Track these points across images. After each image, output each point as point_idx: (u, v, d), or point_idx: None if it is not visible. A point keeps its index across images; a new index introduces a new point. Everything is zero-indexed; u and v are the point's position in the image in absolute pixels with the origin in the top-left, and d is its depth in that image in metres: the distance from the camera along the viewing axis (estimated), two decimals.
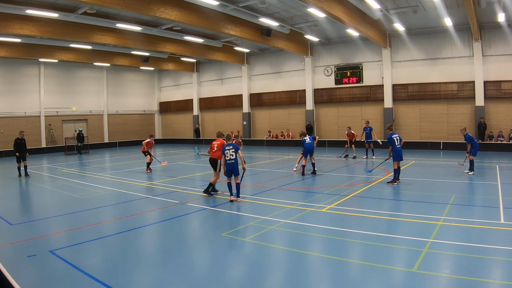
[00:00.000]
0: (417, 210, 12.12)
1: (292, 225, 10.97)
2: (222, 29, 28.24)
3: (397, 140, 16.96)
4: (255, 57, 44.13)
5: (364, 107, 36.44)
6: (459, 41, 31.15)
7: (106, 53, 40.48)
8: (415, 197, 14.36)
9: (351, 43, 36.15)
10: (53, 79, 44.01)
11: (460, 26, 29.83)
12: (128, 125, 51.13)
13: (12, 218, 12.85)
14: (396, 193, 15.20)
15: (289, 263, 8.42)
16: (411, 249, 8.74)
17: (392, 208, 12.99)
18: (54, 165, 29.74)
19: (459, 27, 29.98)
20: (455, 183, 17.50)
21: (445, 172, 20.24)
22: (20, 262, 8.77)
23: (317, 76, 39.14)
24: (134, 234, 10.77)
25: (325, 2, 22.74)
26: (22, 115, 41.21)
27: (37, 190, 19.35)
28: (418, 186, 16.55)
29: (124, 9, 22.83)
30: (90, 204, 15.03)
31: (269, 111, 43.51)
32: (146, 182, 19.50)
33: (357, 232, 10.12)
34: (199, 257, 9.04)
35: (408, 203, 13.44)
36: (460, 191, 16.00)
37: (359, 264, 8.15)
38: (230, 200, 14.50)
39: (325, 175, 20.18)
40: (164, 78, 55.96)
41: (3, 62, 39.47)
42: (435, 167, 22.37)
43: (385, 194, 15.11)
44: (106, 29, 30.49)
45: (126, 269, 8.17)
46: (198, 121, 50.67)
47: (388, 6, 26.78)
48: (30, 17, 26.24)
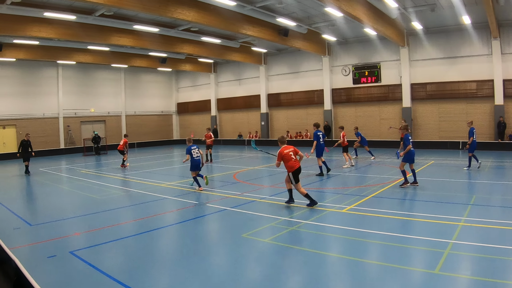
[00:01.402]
0: (437, 211, 11.95)
1: (312, 226, 10.90)
2: (240, 29, 28.23)
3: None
4: (273, 57, 44.07)
5: (382, 107, 36.21)
6: (477, 39, 30.75)
7: (124, 54, 40.69)
8: (435, 197, 14.16)
9: (369, 42, 35.89)
10: (71, 81, 44.33)
11: (478, 24, 29.45)
12: (146, 126, 51.32)
13: (32, 219, 12.94)
14: (416, 194, 15.02)
15: (309, 264, 8.33)
16: (432, 250, 8.61)
17: (412, 209, 12.84)
18: (73, 166, 29.90)
19: (477, 25, 29.60)
20: (475, 183, 17.33)
21: (465, 172, 19.99)
22: (40, 263, 8.80)
23: (335, 76, 38.97)
24: (153, 235, 10.77)
25: (343, 1, 22.63)
26: (41, 117, 41.55)
27: (56, 191, 19.44)
28: (438, 186, 16.37)
29: (141, 10, 22.95)
30: (109, 205, 15.09)
31: (287, 111, 43.43)
32: (164, 182, 19.49)
33: (377, 233, 10.02)
34: (219, 258, 9.00)
35: (428, 204, 13.24)
36: (481, 191, 15.80)
37: (379, 265, 8.06)
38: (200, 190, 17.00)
39: (345, 176, 20.08)
40: (181, 79, 56.12)
41: (22, 65, 39.82)
42: (455, 167, 22.10)
43: (405, 194, 14.96)
44: (124, 31, 30.64)
45: (145, 270, 8.15)
46: (216, 121, 50.70)
47: (406, 5, 26.54)
48: (48, 20, 26.41)
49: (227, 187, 17.56)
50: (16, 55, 34.48)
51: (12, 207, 15.36)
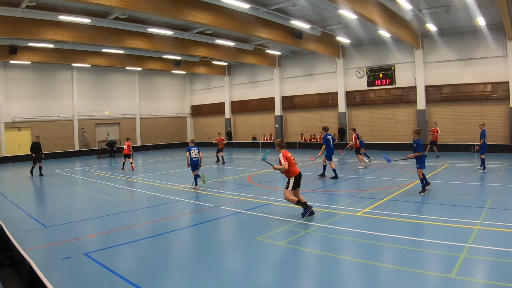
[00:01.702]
0: (453, 214, 11.89)
1: (327, 229, 10.85)
2: (254, 32, 28.22)
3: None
4: (287, 59, 44.01)
5: (397, 109, 36.03)
6: (492, 41, 30.44)
7: (138, 57, 40.88)
8: (451, 200, 14.06)
9: (383, 45, 35.74)
10: (85, 84, 44.68)
11: (493, 25, 29.16)
12: (160, 129, 51.48)
13: (47, 221, 12.99)
14: (431, 197, 14.89)
15: (323, 267, 8.29)
16: (448, 254, 8.53)
17: (427, 212, 12.68)
18: (87, 168, 30.03)
19: (492, 26, 29.29)
20: (491, 186, 17.19)
21: (481, 175, 19.84)
22: (55, 264, 8.85)
23: (349, 78, 38.86)
24: (167, 238, 10.77)
25: (357, 3, 22.55)
26: (56, 119, 41.87)
27: (70, 192, 19.53)
28: (453, 190, 16.24)
29: (155, 13, 22.99)
30: (123, 207, 15.15)
31: (301, 114, 43.38)
32: (179, 185, 19.50)
33: (392, 236, 9.92)
34: (233, 261, 9.00)
35: (443, 207, 13.11)
36: (497, 194, 15.60)
37: (394, 269, 8.01)
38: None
39: (360, 178, 20.01)
40: (195, 82, 56.26)
41: (37, 67, 40.18)
42: (470, 170, 21.93)
43: (420, 197, 14.83)
44: (138, 34, 30.75)
45: (159, 273, 8.15)
46: (230, 124, 50.75)
47: (420, 6, 26.40)
48: (62, 23, 26.63)
49: (242, 190, 17.54)
50: (31, 58, 34.78)
51: (27, 209, 15.46)
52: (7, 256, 9.12)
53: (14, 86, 39.18)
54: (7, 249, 9.29)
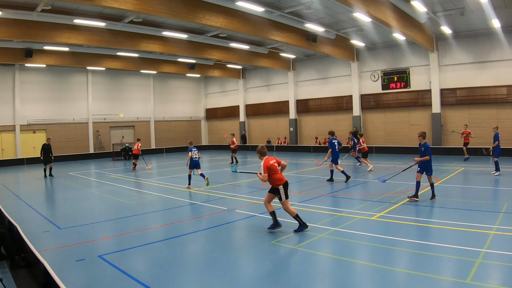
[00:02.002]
0: (468, 219, 11.77)
1: (341, 233, 10.78)
2: (268, 35, 28.20)
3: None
4: (301, 63, 43.97)
5: (412, 113, 35.84)
6: (507, 43, 30.19)
7: (153, 60, 41.01)
8: (466, 205, 13.94)
9: (398, 48, 35.57)
10: (100, 87, 45.00)
11: (508, 28, 28.97)
12: (175, 132, 51.58)
13: (61, 223, 13.02)
14: (446, 201, 14.77)
15: (337, 271, 8.26)
16: (463, 259, 8.44)
17: (443, 217, 12.51)
18: (102, 170, 30.13)
19: (507, 29, 29.09)
20: (506, 190, 16.94)
21: (496, 179, 19.67)
22: (69, 266, 8.87)
23: (363, 81, 38.72)
24: (181, 241, 10.76)
25: (371, 6, 22.50)
26: (71, 122, 42.18)
27: (85, 195, 19.61)
28: (468, 194, 16.13)
29: (170, 17, 23.05)
30: (137, 210, 15.18)
31: (316, 117, 43.26)
32: (193, 188, 19.51)
33: (406, 241, 9.88)
34: (248, 265, 8.98)
35: (458, 211, 12.97)
36: None
37: (409, 274, 7.93)
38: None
39: (374, 182, 19.90)
40: (210, 85, 56.39)
41: (52, 70, 40.51)
42: (485, 174, 21.74)
43: (435, 202, 14.70)
44: (153, 37, 30.85)
45: (173, 275, 8.16)
46: (245, 127, 50.79)
47: (435, 9, 26.24)
48: (77, 27, 26.79)
49: (256, 193, 17.48)
50: (47, 61, 35.01)
51: (41, 210, 15.56)
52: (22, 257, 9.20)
53: (30, 89, 39.54)
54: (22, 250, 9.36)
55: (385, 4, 23.85)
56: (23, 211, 15.62)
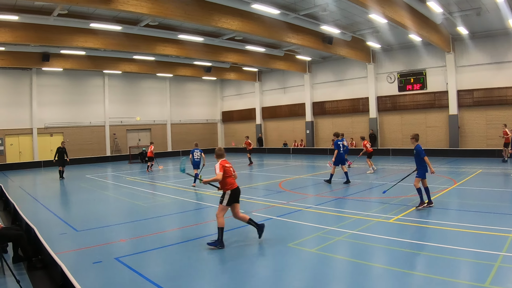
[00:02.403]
0: (486, 222, 11.63)
1: (359, 236, 10.70)
2: (284, 37, 28.19)
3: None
4: (317, 65, 43.90)
5: (428, 114, 35.56)
6: None
7: (169, 64, 41.20)
8: (483, 207, 13.74)
9: (414, 49, 35.34)
10: (117, 90, 45.28)
11: None
12: (191, 134, 51.55)
13: (78, 225, 13.08)
14: (463, 204, 14.68)
15: (355, 275, 8.18)
16: (481, 263, 8.31)
17: (460, 219, 12.34)
18: (119, 173, 30.27)
19: None
20: None
21: None
22: (86, 268, 8.92)
23: (380, 83, 38.54)
24: (198, 243, 10.74)
25: (387, 8, 22.39)
26: (88, 125, 42.45)
27: (102, 197, 19.71)
28: (486, 196, 15.90)
29: (186, 20, 23.13)
30: (154, 212, 15.24)
31: (332, 120, 43.10)
32: (209, 191, 19.47)
33: (424, 244, 9.79)
34: (265, 268, 8.94)
35: (477, 214, 12.82)
36: None
37: (426, 277, 7.79)
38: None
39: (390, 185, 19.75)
40: (226, 88, 56.48)
41: (69, 74, 40.85)
42: (503, 176, 21.57)
43: (452, 204, 14.63)
44: (169, 41, 30.97)
45: (190, 278, 8.14)
46: (261, 130, 50.78)
47: (451, 9, 26.03)
48: (94, 31, 27.04)
49: (273, 196, 17.46)
50: (63, 65, 35.31)
51: (58, 213, 15.70)
52: (39, 259, 9.25)
53: (47, 92, 39.88)
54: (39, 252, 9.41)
55: (400, 5, 23.72)
56: (40, 213, 15.74)
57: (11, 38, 24.99)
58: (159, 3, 21.28)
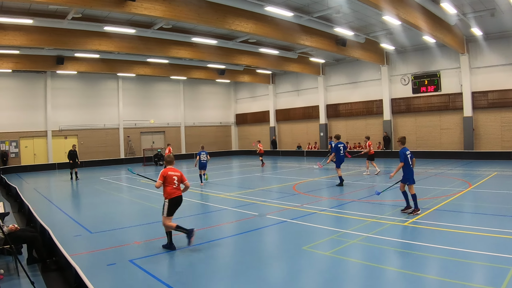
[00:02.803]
0: (501, 225, 11.48)
1: (373, 239, 10.63)
2: (297, 40, 28.17)
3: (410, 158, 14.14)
4: (331, 67, 43.80)
5: (443, 116, 35.32)
6: None
7: (183, 66, 41.33)
8: (499, 210, 13.61)
9: (428, 50, 35.15)
10: (131, 93, 45.55)
11: None
12: (205, 137, 51.68)
13: (93, 227, 13.13)
14: (479, 207, 14.58)
15: (369, 278, 8.12)
16: (496, 266, 8.22)
17: (476, 223, 12.20)
18: (133, 175, 30.30)
19: None
20: None
21: None
22: (100, 270, 8.97)
23: (394, 85, 38.35)
24: (212, 246, 10.75)
25: (401, 9, 22.29)
26: (102, 128, 42.71)
27: (116, 199, 19.79)
28: (501, 199, 15.76)
29: (199, 23, 23.21)
30: None
31: (346, 122, 42.99)
32: (223, 193, 19.51)
33: (439, 247, 9.67)
34: (279, 271, 8.89)
35: (491, 217, 12.68)
36: None
37: (441, 280, 7.74)
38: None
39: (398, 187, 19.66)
40: (240, 90, 56.59)
41: (83, 77, 41.15)
42: None
43: (468, 207, 14.53)
44: (182, 43, 31.07)
45: (205, 281, 8.16)
46: (275, 132, 50.73)
47: (465, 10, 25.84)
48: (108, 34, 27.22)
49: (287, 199, 17.42)
50: (78, 68, 35.58)
51: (73, 215, 15.78)
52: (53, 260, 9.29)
53: (61, 95, 40.19)
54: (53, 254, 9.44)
55: (414, 6, 23.61)
56: (54, 215, 15.83)
57: (26, 42, 25.19)
58: (172, 6, 21.36)
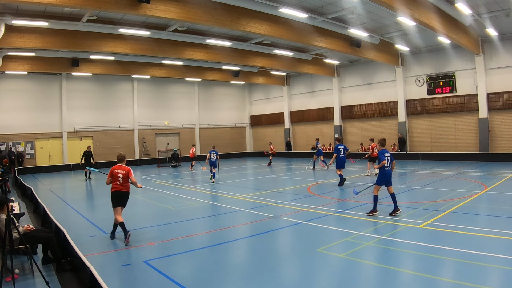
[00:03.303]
0: None
1: (388, 242, 10.60)
2: (311, 41, 28.12)
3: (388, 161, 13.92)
4: (345, 69, 43.69)
5: (458, 118, 35.03)
6: None
7: (197, 68, 41.40)
8: None
9: (443, 51, 34.89)
10: (146, 94, 45.75)
11: None
12: (220, 138, 51.78)
13: (108, 228, 13.16)
14: (494, 209, 14.44)
15: (384, 281, 8.06)
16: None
17: (492, 225, 12.04)
18: (147, 176, 30.43)
19: None
20: None
21: None
22: (115, 271, 9.05)
23: (408, 86, 38.13)
24: (227, 248, 10.76)
25: (416, 10, 22.19)
26: (117, 129, 42.91)
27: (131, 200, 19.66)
28: None
29: (214, 25, 23.27)
30: (182, 216, 15.31)
31: (361, 124, 42.85)
32: (238, 195, 19.51)
33: (454, 250, 9.57)
34: (293, 273, 8.87)
35: (507, 220, 12.54)
36: None
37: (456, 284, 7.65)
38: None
39: (420, 190, 19.54)
40: (254, 92, 56.60)
41: (98, 79, 41.42)
42: None
43: (483, 210, 14.42)
44: (197, 45, 31.16)
45: (219, 282, 8.18)
46: (290, 134, 50.69)
47: (479, 11, 25.59)
48: (122, 36, 27.41)
49: (301, 200, 17.38)
50: (93, 70, 35.81)
51: (87, 215, 15.91)
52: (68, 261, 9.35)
53: (76, 97, 40.51)
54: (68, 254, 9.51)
55: (429, 7, 23.47)
56: (69, 215, 15.97)
57: (41, 44, 25.42)
58: (187, 8, 21.43)
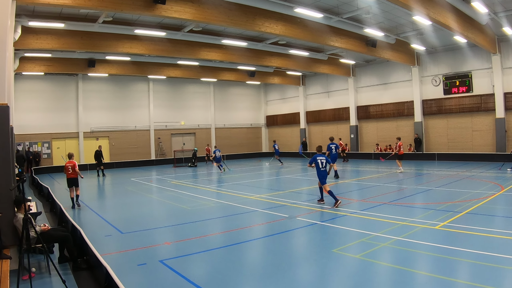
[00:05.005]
0: None
1: (404, 243, 10.53)
2: (327, 41, 28.05)
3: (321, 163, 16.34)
4: (361, 68, 43.56)
5: (475, 118, 34.71)
6: None
7: (213, 68, 41.48)
8: None
9: (459, 51, 34.58)
10: (161, 95, 45.96)
11: None
12: (235, 139, 51.96)
13: (124, 227, 13.26)
14: None
15: (399, 282, 8.00)
16: None
17: (508, 226, 11.91)
18: (163, 176, 30.56)
19: None
20: None
21: None
22: (130, 270, 9.08)
23: (424, 86, 37.89)
24: (242, 248, 10.79)
25: (431, 9, 22.05)
26: (133, 129, 43.11)
27: (147, 200, 19.93)
28: None
29: (229, 25, 23.29)
30: (198, 216, 15.32)
31: (377, 124, 42.66)
32: (254, 195, 19.52)
33: (471, 252, 9.50)
34: (309, 274, 8.82)
35: None
36: None
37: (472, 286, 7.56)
38: None
39: (437, 190, 19.42)
40: (270, 92, 56.57)
41: (114, 79, 41.70)
42: None
43: (500, 211, 14.28)
44: (212, 46, 31.22)
45: (234, 282, 8.18)
46: (305, 134, 50.62)
47: (496, 9, 25.33)
48: (138, 37, 27.58)
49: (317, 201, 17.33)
50: (109, 70, 36.06)
51: (104, 215, 15.96)
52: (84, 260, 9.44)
53: (92, 98, 40.85)
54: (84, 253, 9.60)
55: (445, 6, 23.31)
56: (86, 215, 16.09)
57: (58, 45, 25.60)
58: (202, 9, 21.48)
